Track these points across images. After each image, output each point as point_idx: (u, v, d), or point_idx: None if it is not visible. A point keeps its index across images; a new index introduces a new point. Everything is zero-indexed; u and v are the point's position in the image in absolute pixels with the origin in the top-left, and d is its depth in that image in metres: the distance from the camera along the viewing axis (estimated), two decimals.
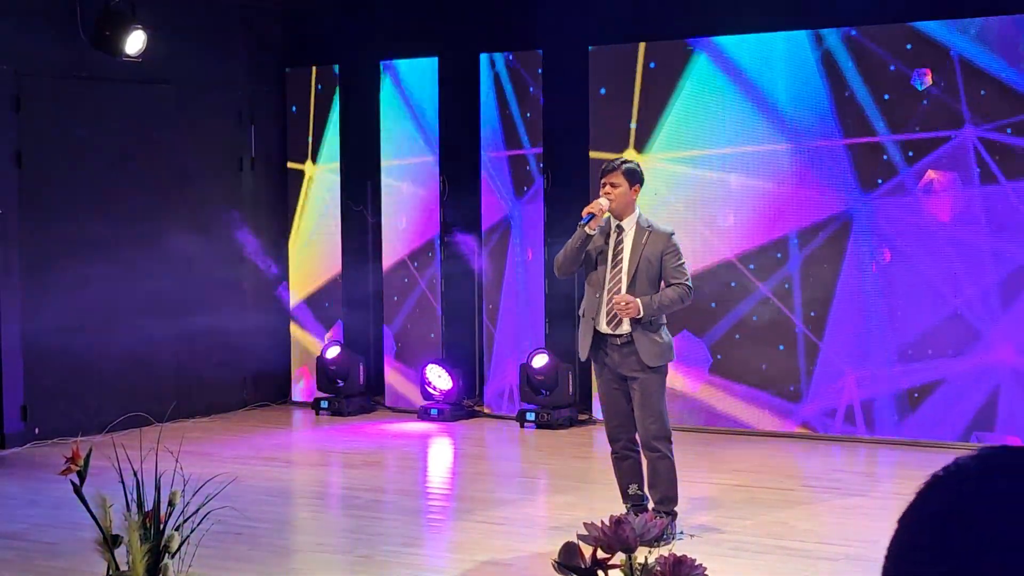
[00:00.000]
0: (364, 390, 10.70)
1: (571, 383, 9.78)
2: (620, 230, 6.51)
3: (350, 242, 10.94)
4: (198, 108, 10.44)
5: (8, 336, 9.12)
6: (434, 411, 10.17)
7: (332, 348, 10.62)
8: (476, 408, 10.42)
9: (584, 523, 3.02)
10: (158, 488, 3.90)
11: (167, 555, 3.87)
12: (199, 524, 3.91)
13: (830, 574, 6.10)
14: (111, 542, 3.88)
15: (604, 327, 6.47)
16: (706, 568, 3.02)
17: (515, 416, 9.93)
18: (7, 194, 9.12)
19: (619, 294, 6.38)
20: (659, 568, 3.01)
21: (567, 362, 9.58)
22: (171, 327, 10.06)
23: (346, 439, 9.67)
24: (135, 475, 3.86)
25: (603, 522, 2.98)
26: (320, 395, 10.69)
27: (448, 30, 10.43)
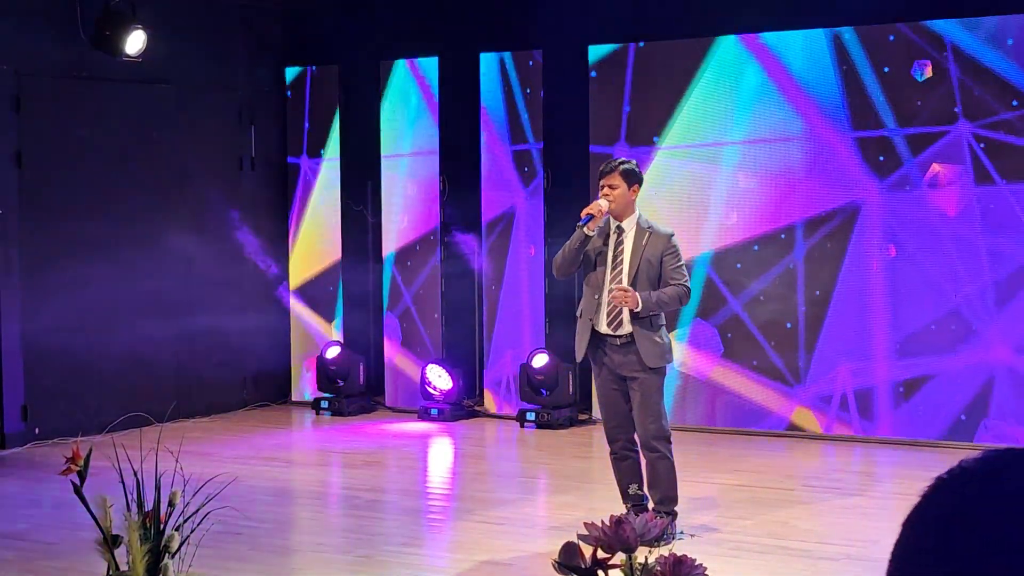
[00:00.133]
0: (364, 390, 10.69)
1: (571, 383, 9.78)
2: (620, 231, 6.50)
3: (350, 242, 10.94)
4: (198, 108, 10.44)
5: (8, 336, 9.12)
6: (434, 411, 10.17)
7: (332, 348, 10.62)
8: (476, 408, 10.42)
9: (584, 523, 3.02)
10: (158, 488, 3.90)
11: (167, 555, 3.87)
12: (199, 524, 3.90)
13: (830, 574, 6.10)
14: (111, 542, 3.87)
15: (604, 328, 6.46)
16: (706, 568, 3.01)
17: (515, 416, 9.93)
18: (7, 194, 9.12)
19: (617, 293, 6.37)
20: (659, 568, 3.01)
21: (567, 362, 9.57)
22: (171, 327, 10.07)
23: (346, 439, 9.67)
24: (135, 475, 3.85)
25: (603, 522, 2.98)
26: (320, 395, 10.70)
27: (448, 30, 10.43)
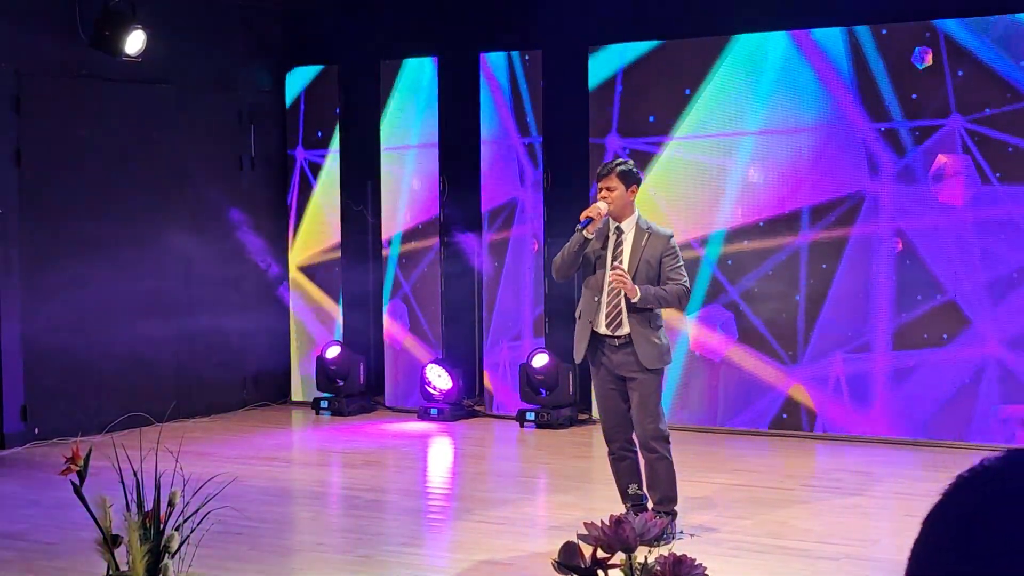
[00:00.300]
0: (364, 390, 10.69)
1: (571, 383, 9.78)
2: (619, 232, 6.50)
3: (350, 242, 10.94)
4: (198, 108, 10.44)
5: (8, 336, 9.12)
6: (434, 411, 10.16)
7: (332, 348, 10.62)
8: (476, 408, 10.42)
9: (584, 523, 3.03)
10: (158, 488, 3.90)
11: (167, 555, 3.87)
12: (199, 524, 3.91)
13: (829, 573, 6.10)
14: (111, 542, 3.88)
15: (603, 328, 6.46)
16: (706, 568, 3.02)
17: (515, 416, 9.93)
18: (7, 194, 9.12)
19: (615, 273, 6.35)
20: (659, 568, 3.01)
21: (567, 362, 9.57)
22: (171, 327, 10.07)
23: (346, 439, 9.67)
24: (135, 475, 3.86)
25: (603, 522, 2.98)
26: (320, 395, 10.70)
27: (448, 30, 10.43)
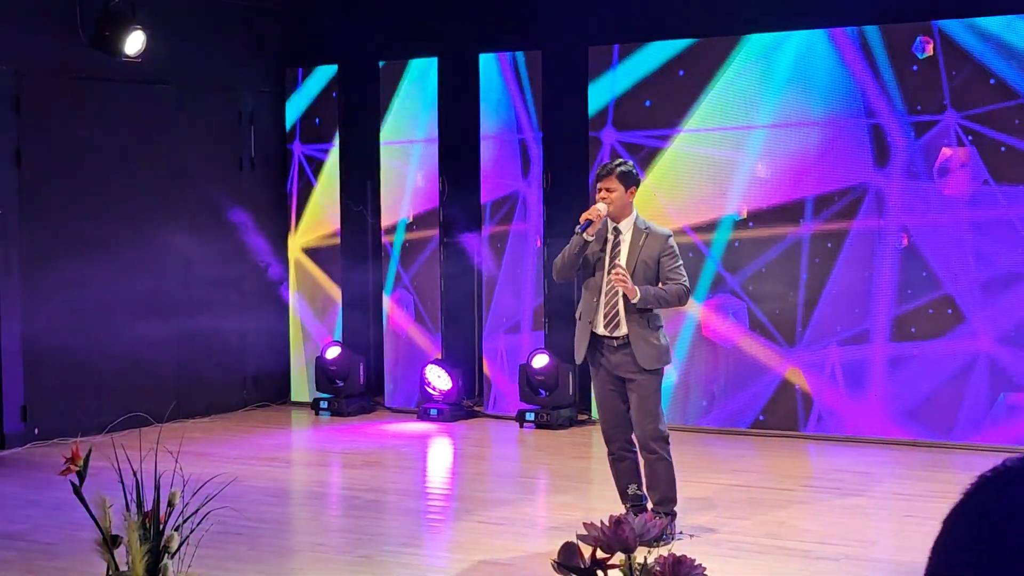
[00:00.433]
0: (364, 390, 10.69)
1: (571, 383, 9.78)
2: (617, 232, 6.50)
3: (350, 242, 10.93)
4: (198, 108, 10.44)
5: (8, 336, 9.12)
6: (434, 411, 10.16)
7: (332, 348, 10.61)
8: (476, 408, 10.42)
9: (583, 523, 3.02)
10: (158, 488, 3.90)
11: (167, 555, 3.87)
12: (199, 524, 3.91)
13: (828, 574, 6.10)
14: (111, 542, 3.88)
15: (601, 329, 6.46)
16: (705, 568, 3.02)
17: (515, 416, 9.93)
18: (7, 194, 9.12)
19: (616, 273, 6.35)
20: (658, 568, 3.01)
21: (567, 362, 9.57)
22: (171, 327, 10.06)
23: (346, 439, 9.67)
24: (135, 475, 3.85)
25: (602, 522, 2.98)
26: (320, 395, 10.69)
27: (448, 30, 10.43)
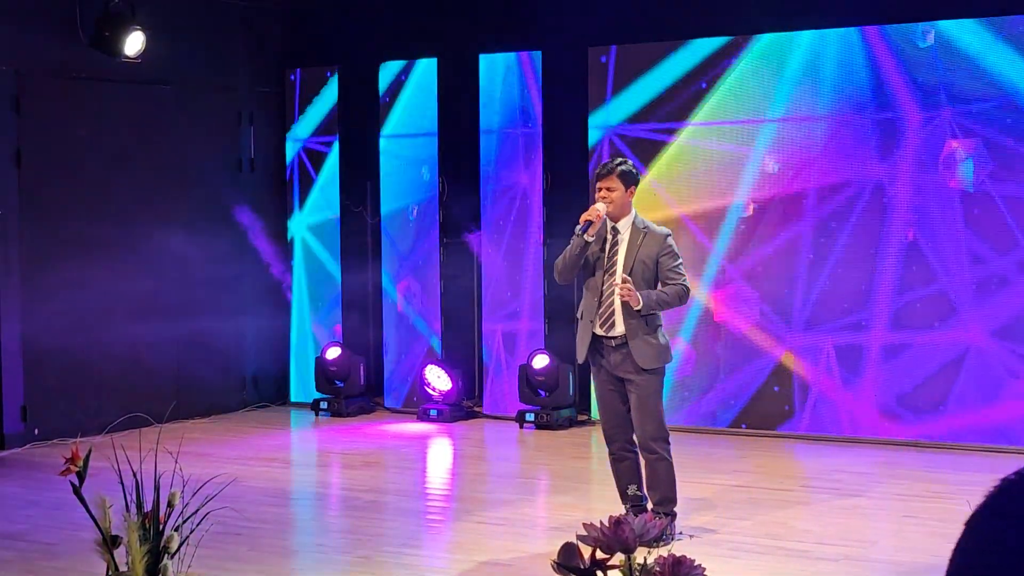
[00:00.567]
0: (364, 391, 10.69)
1: (571, 384, 9.78)
2: (616, 232, 6.50)
3: (350, 243, 10.93)
4: (198, 108, 10.44)
5: (8, 336, 9.12)
6: (433, 412, 10.16)
7: (332, 349, 10.61)
8: (475, 409, 10.42)
9: (583, 523, 3.02)
10: (157, 489, 3.90)
11: (166, 556, 3.87)
12: (198, 525, 3.91)
13: (829, 574, 6.10)
14: (110, 543, 3.88)
15: (599, 329, 6.47)
16: (705, 568, 3.02)
17: (515, 417, 9.93)
18: (7, 194, 9.12)
19: (622, 286, 6.34)
20: (658, 568, 3.01)
21: (567, 363, 9.57)
22: (171, 327, 10.06)
23: (346, 440, 9.67)
24: (134, 476, 3.85)
25: (602, 523, 2.98)
26: (320, 396, 10.69)
27: (448, 30, 10.43)
